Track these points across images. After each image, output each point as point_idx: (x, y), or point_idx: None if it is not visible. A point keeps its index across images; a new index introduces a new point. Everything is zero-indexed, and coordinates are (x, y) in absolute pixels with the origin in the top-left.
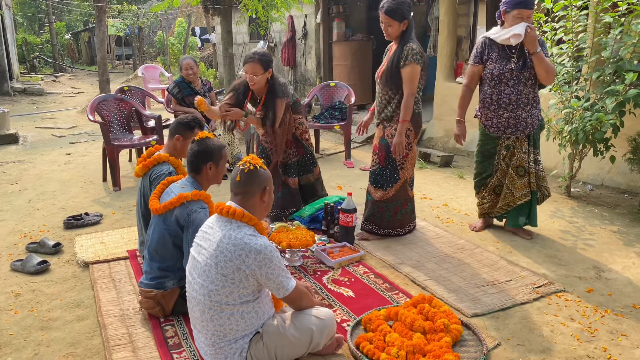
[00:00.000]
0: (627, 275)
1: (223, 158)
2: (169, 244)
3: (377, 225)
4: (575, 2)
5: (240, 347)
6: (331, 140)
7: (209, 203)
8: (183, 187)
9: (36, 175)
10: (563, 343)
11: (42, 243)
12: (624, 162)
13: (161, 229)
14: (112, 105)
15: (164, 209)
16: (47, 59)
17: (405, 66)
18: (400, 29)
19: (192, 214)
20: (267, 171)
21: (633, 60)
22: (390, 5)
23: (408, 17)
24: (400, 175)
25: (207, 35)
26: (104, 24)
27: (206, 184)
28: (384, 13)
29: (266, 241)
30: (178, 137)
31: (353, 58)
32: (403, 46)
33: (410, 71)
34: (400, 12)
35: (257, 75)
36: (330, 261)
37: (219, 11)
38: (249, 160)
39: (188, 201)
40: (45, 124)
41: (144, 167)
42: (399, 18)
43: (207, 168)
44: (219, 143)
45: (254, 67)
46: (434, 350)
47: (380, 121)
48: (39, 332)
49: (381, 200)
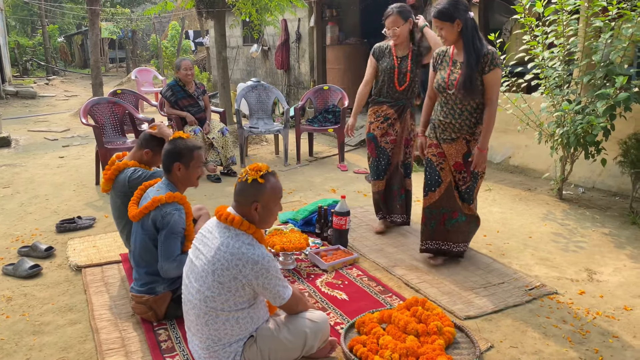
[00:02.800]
0: (618, 278)
1: (194, 159)
2: (151, 249)
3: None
4: (566, 7)
5: (234, 350)
6: (325, 144)
7: (184, 204)
8: (158, 190)
9: (28, 179)
10: (555, 345)
11: (34, 247)
12: (615, 165)
13: (141, 235)
14: (105, 109)
15: (140, 214)
16: (39, 62)
17: (490, 72)
18: (455, 30)
19: (166, 216)
20: (262, 185)
21: (623, 64)
22: (436, 7)
23: (460, 16)
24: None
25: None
26: (97, 27)
27: (180, 186)
28: (433, 17)
29: (264, 251)
30: (147, 151)
31: (346, 61)
32: (476, 50)
33: (496, 77)
34: (449, 12)
35: (398, 27)
36: (324, 264)
37: (212, 14)
38: (248, 170)
39: (162, 204)
40: (37, 127)
41: (108, 180)
42: (449, 19)
43: (175, 169)
44: (191, 144)
45: (395, 20)
46: (427, 352)
47: (460, 136)
48: (31, 336)
49: (472, 214)
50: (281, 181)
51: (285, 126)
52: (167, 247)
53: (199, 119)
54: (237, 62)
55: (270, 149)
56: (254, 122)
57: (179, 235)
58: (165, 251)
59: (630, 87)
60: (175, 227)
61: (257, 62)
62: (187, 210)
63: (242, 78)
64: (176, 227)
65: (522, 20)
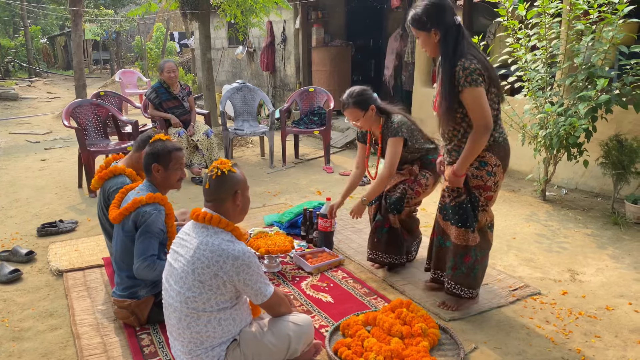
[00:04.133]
0: (601, 278)
1: (173, 161)
2: (132, 251)
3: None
4: (548, 10)
5: (217, 354)
6: (310, 146)
7: (165, 205)
8: (139, 192)
9: (9, 182)
10: (539, 345)
11: (15, 251)
12: (597, 166)
13: (122, 237)
14: (88, 111)
15: (121, 216)
16: (21, 63)
17: (462, 91)
18: (432, 41)
19: (144, 215)
20: (237, 173)
21: (604, 66)
22: (413, 13)
23: (438, 25)
24: (479, 218)
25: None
26: (80, 28)
27: (161, 188)
28: (408, 22)
29: (244, 247)
30: (140, 153)
31: (332, 64)
32: (451, 64)
33: (470, 97)
34: (422, 20)
35: (357, 120)
36: (309, 266)
37: (197, 16)
38: (216, 166)
39: (143, 205)
40: (19, 129)
41: (100, 179)
42: (423, 27)
43: (154, 170)
44: (170, 145)
45: (352, 113)
46: (412, 354)
47: (453, 162)
48: (10, 342)
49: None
50: (267, 183)
51: (271, 128)
52: (139, 245)
53: (183, 121)
54: (223, 64)
55: (256, 151)
56: (239, 124)
57: (154, 235)
58: (137, 249)
59: (611, 90)
60: (152, 226)
61: (243, 63)
62: (169, 211)
63: (227, 80)
64: (152, 226)
65: (505, 23)
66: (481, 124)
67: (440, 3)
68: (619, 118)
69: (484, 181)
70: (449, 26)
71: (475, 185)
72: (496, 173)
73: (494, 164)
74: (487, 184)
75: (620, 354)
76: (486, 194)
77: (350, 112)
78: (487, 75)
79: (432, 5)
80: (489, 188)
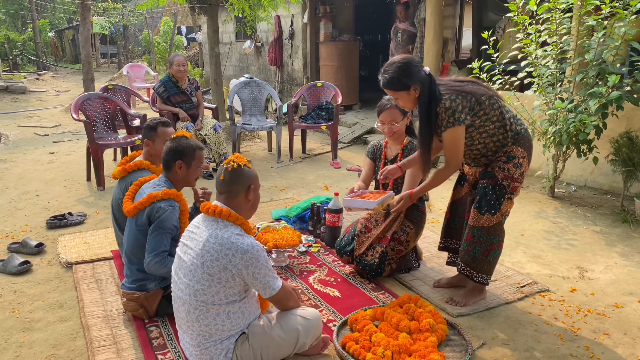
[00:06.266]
0: (610, 275)
1: (196, 159)
2: (143, 245)
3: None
4: (559, 5)
5: (226, 347)
6: (318, 141)
7: (180, 201)
8: (155, 187)
9: (18, 175)
10: (547, 342)
11: (24, 243)
12: (607, 164)
13: (134, 231)
14: (97, 104)
15: (135, 210)
16: (30, 56)
17: (444, 131)
18: (413, 96)
19: (158, 211)
20: (252, 170)
21: (615, 62)
22: (384, 76)
23: (415, 80)
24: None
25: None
26: (88, 22)
27: (178, 184)
28: (383, 87)
29: (253, 241)
30: (147, 142)
31: (340, 58)
32: (432, 110)
33: (449, 137)
34: (401, 81)
35: (397, 122)
36: (373, 203)
37: (205, 10)
38: (233, 159)
39: (158, 200)
40: (28, 122)
41: (123, 170)
42: (403, 87)
43: (176, 167)
44: (195, 144)
45: (392, 114)
46: (420, 350)
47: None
48: (21, 333)
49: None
50: (274, 178)
51: (278, 123)
52: (151, 240)
53: (191, 115)
54: (230, 58)
55: (263, 145)
56: (247, 118)
57: (167, 231)
58: (149, 244)
59: (622, 86)
60: (165, 222)
61: (250, 58)
62: (183, 208)
63: (234, 74)
64: (166, 222)
65: (515, 18)
66: (453, 163)
67: (410, 60)
68: (630, 115)
69: (511, 173)
70: (424, 78)
71: (504, 176)
72: (522, 164)
73: (521, 156)
74: (514, 176)
75: (630, 351)
76: (514, 184)
77: (392, 113)
78: (469, 98)
79: (405, 64)
80: (516, 179)
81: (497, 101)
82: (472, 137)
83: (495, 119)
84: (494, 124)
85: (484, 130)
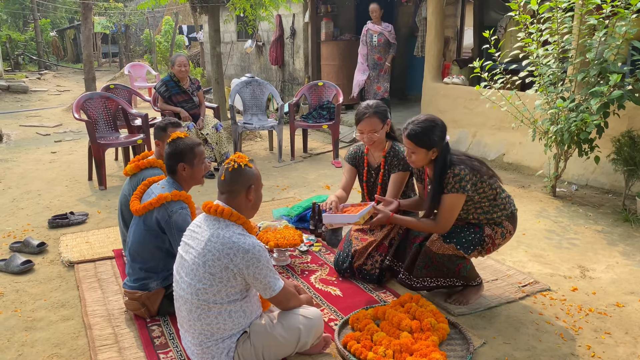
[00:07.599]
0: (611, 274)
1: (197, 157)
2: (149, 246)
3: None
4: (560, 4)
5: (227, 346)
6: (319, 140)
7: (189, 203)
8: (163, 187)
9: (20, 174)
10: (548, 341)
11: (26, 242)
12: (608, 163)
13: (141, 230)
14: (98, 104)
15: (144, 209)
16: (31, 56)
17: (446, 194)
18: (429, 157)
19: (172, 215)
20: (253, 169)
21: (617, 61)
22: (414, 128)
23: (438, 144)
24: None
25: (194, 34)
26: (89, 22)
27: (185, 184)
28: (406, 137)
29: (255, 240)
30: (157, 142)
31: (341, 58)
32: (442, 173)
33: (448, 201)
34: (426, 139)
35: (377, 132)
36: (355, 217)
37: (206, 9)
38: (234, 159)
39: (168, 202)
40: (29, 122)
41: (136, 167)
42: (425, 146)
43: (180, 169)
44: (191, 142)
45: (372, 123)
46: (421, 349)
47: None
48: (23, 332)
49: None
50: (275, 177)
51: (280, 122)
52: (176, 243)
53: (192, 114)
54: (231, 58)
55: (264, 145)
56: (248, 118)
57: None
58: (176, 246)
59: (623, 85)
60: (184, 225)
61: (252, 57)
62: (191, 210)
63: (236, 74)
64: (183, 224)
65: (516, 17)
66: (442, 225)
67: (441, 124)
68: (632, 114)
69: (496, 236)
70: (445, 145)
71: (489, 234)
72: (506, 237)
73: (509, 231)
74: (496, 240)
75: (631, 350)
76: (491, 247)
77: (370, 122)
78: (475, 173)
79: (436, 126)
80: (495, 244)
81: (496, 181)
82: (467, 210)
83: (492, 198)
84: (490, 202)
85: (479, 206)
